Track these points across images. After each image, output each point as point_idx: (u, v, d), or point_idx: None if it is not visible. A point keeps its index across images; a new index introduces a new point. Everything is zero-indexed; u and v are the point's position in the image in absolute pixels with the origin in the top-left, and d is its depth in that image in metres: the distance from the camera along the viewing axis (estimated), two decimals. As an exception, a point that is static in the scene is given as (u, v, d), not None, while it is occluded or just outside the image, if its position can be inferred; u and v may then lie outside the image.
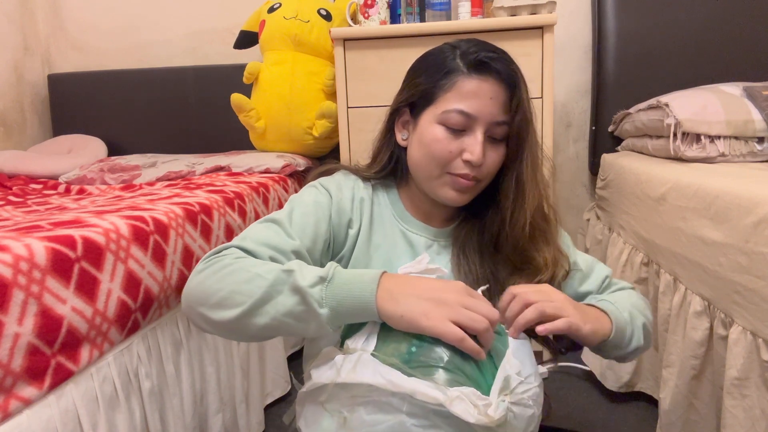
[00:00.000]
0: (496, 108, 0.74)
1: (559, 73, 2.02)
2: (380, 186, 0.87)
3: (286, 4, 1.88)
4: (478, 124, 0.74)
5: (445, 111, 0.75)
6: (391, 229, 0.83)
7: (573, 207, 2.10)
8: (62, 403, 0.77)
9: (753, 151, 1.38)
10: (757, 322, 0.92)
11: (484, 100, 0.74)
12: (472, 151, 0.74)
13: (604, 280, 0.85)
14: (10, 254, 0.72)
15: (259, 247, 0.69)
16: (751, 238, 0.93)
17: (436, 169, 0.77)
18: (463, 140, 0.75)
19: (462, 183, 0.76)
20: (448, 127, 0.75)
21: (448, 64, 0.76)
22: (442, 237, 0.83)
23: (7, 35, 2.14)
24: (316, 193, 0.80)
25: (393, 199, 0.86)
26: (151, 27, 2.25)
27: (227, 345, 1.30)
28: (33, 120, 2.25)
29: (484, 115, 0.74)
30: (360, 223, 0.81)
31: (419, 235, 0.83)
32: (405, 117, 0.82)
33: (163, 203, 1.14)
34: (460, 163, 0.75)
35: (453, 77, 0.75)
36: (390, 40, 1.60)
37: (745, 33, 1.80)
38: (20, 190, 1.66)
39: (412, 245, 0.82)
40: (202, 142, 2.16)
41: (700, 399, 1.14)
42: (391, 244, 0.82)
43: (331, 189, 0.81)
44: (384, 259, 0.81)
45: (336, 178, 0.85)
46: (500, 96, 0.74)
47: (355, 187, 0.84)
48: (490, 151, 0.76)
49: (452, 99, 0.74)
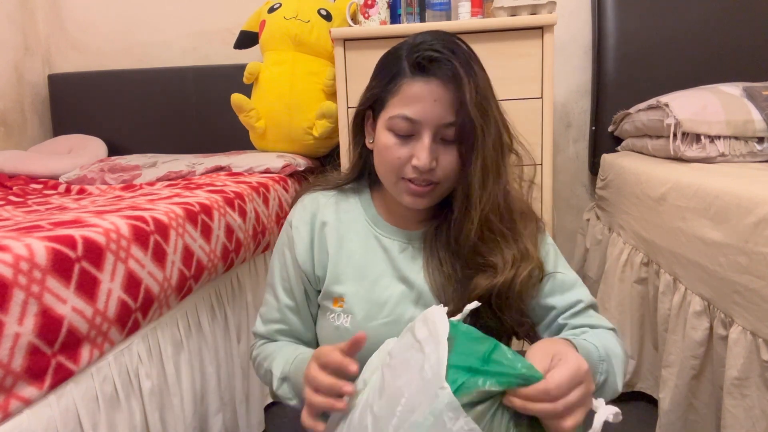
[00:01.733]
0: (442, 110, 0.71)
1: (559, 73, 2.02)
2: (351, 191, 0.87)
3: (286, 4, 1.88)
4: (424, 128, 0.72)
5: (391, 117, 0.73)
6: (365, 235, 0.83)
7: (573, 207, 2.10)
8: (62, 403, 0.77)
9: (753, 151, 1.38)
10: (757, 322, 0.92)
11: (428, 103, 0.71)
12: (418, 156, 0.72)
13: (575, 303, 0.78)
14: (11, 254, 0.72)
15: (264, 327, 0.87)
16: (751, 238, 0.93)
17: (391, 176, 0.76)
18: (413, 145, 0.73)
19: (414, 189, 0.74)
20: (396, 133, 0.73)
21: (395, 67, 0.74)
22: (415, 239, 0.82)
23: (8, 35, 2.14)
24: (285, 237, 0.86)
25: (365, 204, 0.85)
26: (151, 27, 2.25)
27: (227, 345, 1.30)
28: (33, 120, 2.25)
29: (429, 119, 0.71)
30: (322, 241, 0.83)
31: (393, 239, 0.82)
32: (370, 120, 0.81)
33: (164, 203, 1.14)
34: (411, 169, 0.73)
35: (399, 81, 0.73)
36: (390, 41, 1.57)
37: (745, 33, 1.80)
38: (20, 190, 1.66)
39: (386, 250, 0.81)
40: (202, 142, 2.16)
41: (700, 399, 1.14)
42: (365, 250, 0.82)
43: (293, 222, 0.85)
44: (357, 266, 0.81)
45: (298, 205, 0.87)
46: (446, 97, 0.71)
47: (315, 206, 0.85)
48: (444, 154, 0.73)
49: (397, 104, 0.73)
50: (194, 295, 1.17)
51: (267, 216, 1.50)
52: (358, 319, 0.79)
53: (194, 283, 1.13)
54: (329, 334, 0.81)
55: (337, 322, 0.80)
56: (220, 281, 1.31)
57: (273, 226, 1.54)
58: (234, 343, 1.32)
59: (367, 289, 0.80)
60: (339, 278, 0.81)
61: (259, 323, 0.88)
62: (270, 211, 1.53)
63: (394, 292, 0.79)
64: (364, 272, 0.80)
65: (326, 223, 0.84)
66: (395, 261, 0.81)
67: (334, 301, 0.81)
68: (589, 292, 0.82)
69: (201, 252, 1.14)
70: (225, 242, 1.25)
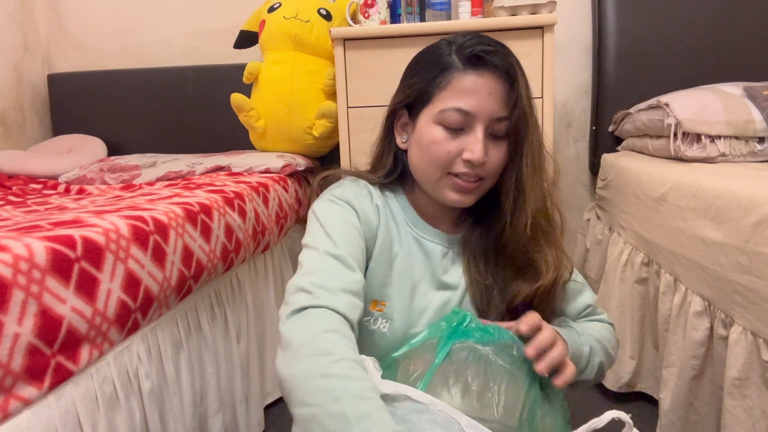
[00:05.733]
0: (495, 103, 0.71)
1: (559, 73, 2.02)
2: (388, 190, 0.83)
3: (286, 3, 1.88)
4: (478, 121, 0.71)
5: (442, 110, 0.71)
6: (406, 236, 0.80)
7: (573, 207, 2.10)
8: (62, 403, 0.77)
9: (753, 151, 1.37)
10: (757, 322, 0.92)
11: (482, 95, 0.70)
12: (472, 150, 0.70)
13: (585, 308, 0.82)
14: (10, 254, 0.72)
15: (340, 298, 0.65)
16: (752, 238, 0.93)
17: (436, 172, 0.74)
18: (463, 139, 0.72)
19: (463, 184, 0.73)
20: (447, 127, 0.72)
21: (443, 61, 0.73)
22: (455, 244, 0.80)
23: (7, 35, 2.14)
24: (341, 210, 0.75)
25: (403, 204, 0.82)
26: (151, 27, 2.25)
27: (227, 345, 1.30)
28: (33, 120, 2.25)
29: (483, 112, 0.70)
30: (381, 232, 0.78)
31: (434, 242, 0.80)
32: (403, 119, 0.79)
33: (163, 203, 1.14)
34: (461, 164, 0.72)
35: (448, 74, 0.72)
36: (390, 40, 1.60)
37: (745, 33, 1.80)
38: (20, 190, 1.66)
39: (428, 254, 0.79)
40: (202, 142, 2.16)
41: (701, 399, 1.13)
42: (407, 253, 0.79)
43: (353, 202, 0.77)
44: (401, 268, 0.78)
45: (349, 187, 0.80)
46: (499, 91, 0.71)
47: (371, 194, 0.80)
48: (493, 149, 0.73)
49: (449, 97, 0.71)
50: (194, 295, 1.17)
51: (267, 216, 1.50)
52: (396, 326, 0.75)
53: (194, 283, 1.13)
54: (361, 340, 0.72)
55: (373, 327, 0.76)
56: (220, 281, 1.31)
57: (273, 226, 1.54)
58: (234, 343, 1.32)
59: (407, 295, 0.77)
60: (384, 280, 0.77)
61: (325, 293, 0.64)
62: (270, 211, 1.53)
63: (433, 300, 0.77)
64: (405, 277, 0.78)
65: (380, 213, 0.78)
66: (435, 267, 0.78)
67: (373, 303, 0.76)
68: (592, 292, 0.85)
69: (201, 252, 1.14)
70: (225, 242, 1.24)
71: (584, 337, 0.76)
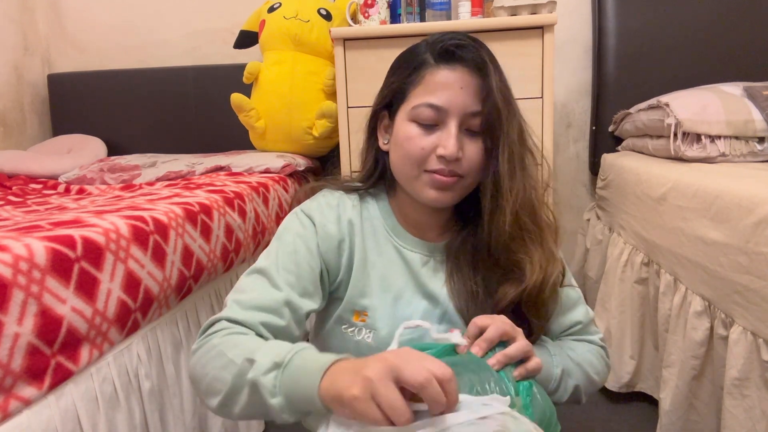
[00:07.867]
0: (468, 98, 0.70)
1: (559, 73, 2.02)
2: (369, 197, 0.82)
3: (286, 3, 1.88)
4: (450, 116, 0.70)
5: (415, 106, 0.71)
6: (386, 245, 0.78)
7: (573, 207, 2.10)
8: (62, 403, 0.77)
9: (753, 151, 1.37)
10: (757, 323, 0.92)
11: (455, 90, 0.69)
12: (445, 145, 0.69)
13: (573, 325, 0.79)
14: (10, 254, 0.72)
15: (247, 313, 0.67)
16: (752, 238, 0.93)
17: (413, 169, 0.72)
18: (437, 135, 0.71)
19: (439, 180, 0.71)
20: (420, 123, 0.71)
21: (418, 59, 0.73)
22: (437, 252, 0.79)
23: (7, 35, 2.14)
24: (299, 225, 0.76)
25: (384, 211, 0.80)
26: (151, 27, 2.25)
27: (227, 345, 1.30)
28: (33, 120, 2.25)
29: (455, 107, 0.69)
30: (351, 245, 0.76)
31: (414, 251, 0.78)
32: (385, 121, 0.79)
33: (163, 203, 1.14)
34: (435, 160, 0.70)
35: (422, 71, 0.71)
36: (390, 40, 1.60)
37: (745, 33, 1.80)
38: (20, 190, 1.66)
39: (408, 263, 0.77)
40: (202, 142, 2.16)
41: (701, 399, 1.13)
42: (386, 262, 0.77)
43: (314, 216, 0.76)
44: (380, 278, 0.76)
45: (319, 200, 0.79)
46: (472, 85, 0.70)
47: (340, 206, 0.78)
48: (469, 145, 0.71)
49: (421, 93, 0.71)
50: (194, 295, 1.17)
51: (267, 216, 1.50)
52: (381, 336, 0.74)
53: (194, 283, 1.13)
54: (346, 349, 0.74)
55: (357, 337, 0.75)
56: (220, 281, 1.31)
57: (273, 226, 1.54)
58: (234, 343, 1.32)
59: (390, 304, 0.76)
60: (364, 290, 0.76)
61: (234, 309, 0.68)
62: (270, 211, 1.53)
63: (418, 308, 0.76)
64: (386, 285, 0.76)
65: (354, 225, 0.77)
66: (417, 275, 0.77)
67: (355, 315, 0.76)
68: (588, 309, 0.81)
69: (201, 252, 1.14)
70: (225, 242, 1.24)
71: (557, 358, 0.73)
